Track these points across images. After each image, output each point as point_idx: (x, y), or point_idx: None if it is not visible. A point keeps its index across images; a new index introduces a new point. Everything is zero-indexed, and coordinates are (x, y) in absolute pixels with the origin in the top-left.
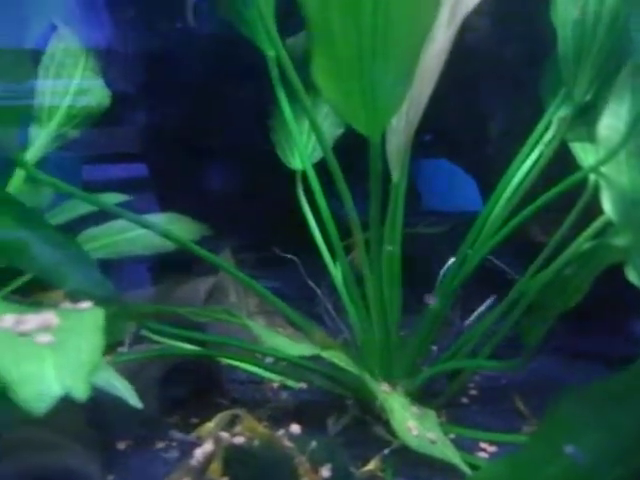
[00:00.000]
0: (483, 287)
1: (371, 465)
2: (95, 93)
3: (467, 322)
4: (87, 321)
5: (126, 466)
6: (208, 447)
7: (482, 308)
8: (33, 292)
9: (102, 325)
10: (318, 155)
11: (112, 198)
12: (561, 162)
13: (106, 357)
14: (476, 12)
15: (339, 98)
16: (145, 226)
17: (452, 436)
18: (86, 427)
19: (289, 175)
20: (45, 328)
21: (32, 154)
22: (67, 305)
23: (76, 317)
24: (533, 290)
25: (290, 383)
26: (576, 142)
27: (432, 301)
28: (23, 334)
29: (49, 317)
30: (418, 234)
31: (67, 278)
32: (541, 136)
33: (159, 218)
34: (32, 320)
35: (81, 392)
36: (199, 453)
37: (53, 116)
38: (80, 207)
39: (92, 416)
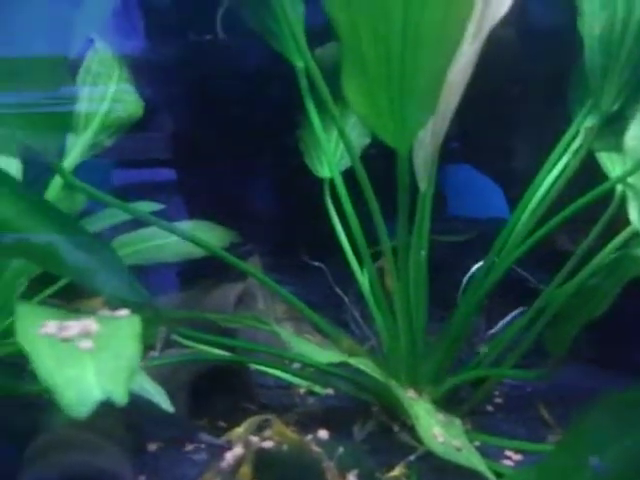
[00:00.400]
0: (508, 296)
1: (396, 471)
2: (129, 103)
3: (491, 332)
4: (125, 328)
5: (157, 467)
6: (238, 451)
7: (507, 319)
8: (69, 297)
9: (139, 332)
10: (346, 163)
11: (146, 207)
12: (588, 172)
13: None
14: (502, 22)
15: (369, 113)
16: (176, 233)
17: (477, 444)
18: (119, 428)
19: (317, 183)
20: (86, 334)
21: (69, 162)
22: (105, 312)
23: (115, 324)
24: (559, 300)
25: (317, 389)
26: (603, 152)
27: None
28: (65, 340)
29: (89, 324)
30: (444, 241)
31: (102, 284)
32: (568, 146)
33: (189, 225)
34: (74, 327)
35: (120, 397)
36: (230, 456)
37: (89, 125)
38: (116, 215)
39: (124, 418)
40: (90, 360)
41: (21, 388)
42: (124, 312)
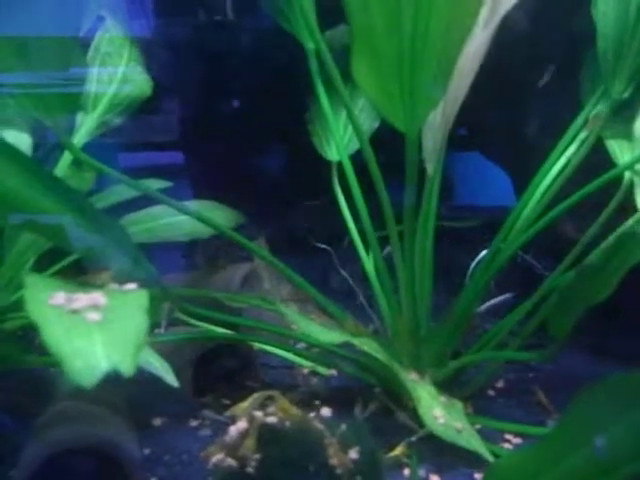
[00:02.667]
0: (516, 282)
1: (397, 451)
2: (138, 82)
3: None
4: (133, 302)
5: (161, 441)
6: (242, 425)
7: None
8: (76, 274)
9: (147, 306)
10: (354, 147)
11: (154, 184)
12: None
13: None
14: (515, 7)
15: (378, 96)
16: (185, 212)
17: (478, 427)
18: (124, 403)
19: (325, 166)
20: (94, 307)
21: (77, 140)
22: (114, 286)
23: (122, 298)
24: (563, 285)
25: (320, 369)
26: (612, 139)
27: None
28: (74, 311)
29: (97, 297)
30: (451, 227)
31: (111, 260)
32: (577, 133)
33: (196, 205)
34: (82, 299)
35: (127, 368)
36: (233, 430)
37: (98, 104)
38: (122, 193)
39: (130, 393)
40: (98, 331)
41: (29, 360)
42: (132, 286)
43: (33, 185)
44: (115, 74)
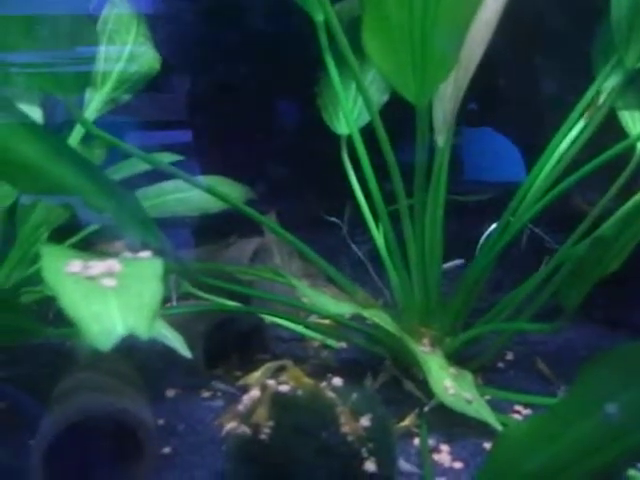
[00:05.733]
0: (527, 255)
1: (407, 421)
2: (146, 58)
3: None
4: (147, 268)
5: (175, 412)
6: (255, 393)
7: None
8: (89, 247)
9: (161, 273)
10: (364, 120)
11: (166, 158)
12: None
13: None
14: None
15: (389, 67)
16: (197, 186)
17: (487, 398)
18: (139, 375)
19: (335, 140)
20: (109, 273)
21: (87, 116)
22: (127, 254)
23: (137, 265)
24: (574, 257)
25: (330, 342)
26: (625, 110)
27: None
28: (90, 278)
29: (113, 264)
30: (460, 202)
31: (125, 230)
32: (589, 105)
33: (205, 181)
34: (97, 266)
35: (143, 331)
36: (246, 399)
37: (106, 81)
38: (133, 167)
39: (143, 366)
40: (114, 296)
41: (45, 333)
42: (146, 254)
43: (49, 154)
44: (123, 51)
